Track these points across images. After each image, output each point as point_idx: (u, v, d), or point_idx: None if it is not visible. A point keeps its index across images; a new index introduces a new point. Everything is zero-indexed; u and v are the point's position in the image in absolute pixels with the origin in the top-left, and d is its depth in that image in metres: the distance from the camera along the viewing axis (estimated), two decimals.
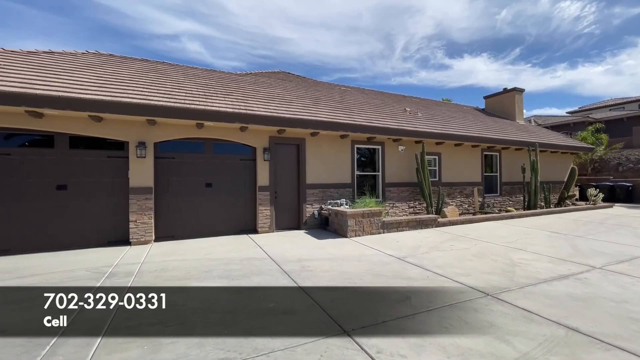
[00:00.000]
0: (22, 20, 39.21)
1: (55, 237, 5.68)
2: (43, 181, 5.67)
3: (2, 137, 5.50)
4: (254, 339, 2.59)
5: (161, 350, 2.45)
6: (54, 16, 42.34)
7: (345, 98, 10.92)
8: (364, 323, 2.83)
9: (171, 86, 7.20)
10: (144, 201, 6.21)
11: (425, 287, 3.75)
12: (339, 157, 8.47)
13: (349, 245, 6.05)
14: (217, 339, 2.61)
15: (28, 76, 5.61)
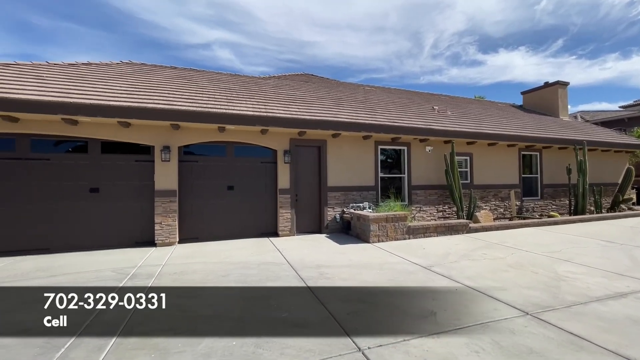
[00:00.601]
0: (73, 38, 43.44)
1: (88, 238, 5.99)
2: (78, 184, 6.01)
3: (43, 143, 5.91)
4: (262, 353, 2.44)
5: (167, 359, 2.38)
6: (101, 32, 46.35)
7: (369, 98, 10.60)
8: (382, 341, 2.57)
9: (195, 91, 7.37)
10: (168, 204, 6.37)
11: (453, 302, 3.39)
12: (362, 159, 8.19)
13: (371, 251, 5.76)
14: (225, 349, 2.50)
15: (66, 86, 5.99)
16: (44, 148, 5.92)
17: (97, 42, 46.28)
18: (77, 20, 43.79)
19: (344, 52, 54.54)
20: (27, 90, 5.45)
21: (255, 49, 51.75)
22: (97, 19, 44.69)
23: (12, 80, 5.73)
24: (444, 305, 3.30)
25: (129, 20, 45.03)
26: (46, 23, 43.40)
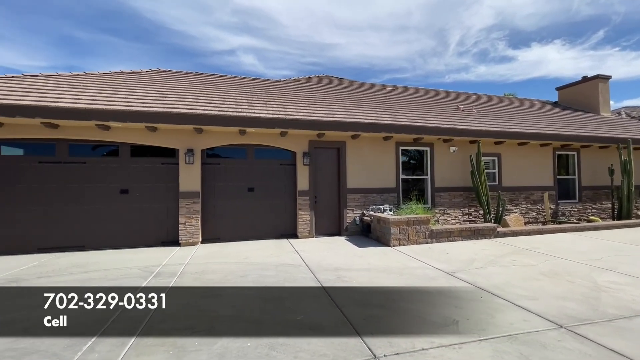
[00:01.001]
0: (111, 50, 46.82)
1: (118, 237, 6.33)
2: (110, 186, 6.37)
3: (79, 148, 6.33)
4: (276, 356, 2.42)
5: (184, 358, 2.42)
6: (136, 44, 49.52)
7: (390, 98, 10.40)
8: (398, 349, 2.47)
9: (218, 96, 7.59)
10: (192, 205, 6.59)
11: (477, 310, 3.20)
12: (382, 160, 8.02)
13: (391, 255, 5.61)
14: (240, 350, 2.50)
15: (100, 94, 6.39)
16: (80, 152, 6.34)
17: (133, 52, 49.42)
18: (115, 33, 47.03)
19: (366, 53, 54.03)
20: (65, 98, 5.87)
21: (278, 53, 52.69)
22: (133, 31, 47.77)
23: (53, 90, 6.21)
24: (468, 313, 3.12)
25: (161, 30, 47.63)
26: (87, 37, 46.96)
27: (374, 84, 13.59)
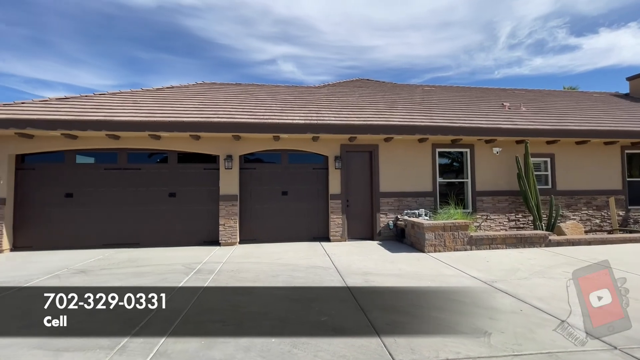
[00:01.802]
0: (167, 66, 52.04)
1: (167, 235, 6.97)
2: (160, 190, 7.07)
3: (136, 155, 7.13)
4: (297, 353, 2.50)
5: (213, 348, 2.61)
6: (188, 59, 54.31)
7: (427, 99, 10.04)
8: (420, 356, 2.39)
9: (255, 104, 8.03)
10: (230, 207, 7.02)
11: (515, 323, 2.95)
12: (417, 163, 7.76)
13: (425, 261, 5.39)
14: (263, 345, 2.63)
15: (152, 107, 7.16)
16: (136, 160, 7.14)
17: (185, 67, 54.23)
18: (170, 51, 52.07)
19: (405, 53, 52.54)
20: (125, 113, 6.68)
21: (316, 59, 53.70)
22: (185, 48, 52.45)
23: (116, 106, 7.10)
24: (503, 326, 2.89)
25: (209, 45, 51.55)
26: (148, 56, 52.67)
27: (411, 84, 13.23)
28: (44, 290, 4.03)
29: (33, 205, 6.71)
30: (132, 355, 2.47)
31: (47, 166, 6.87)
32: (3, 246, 6.36)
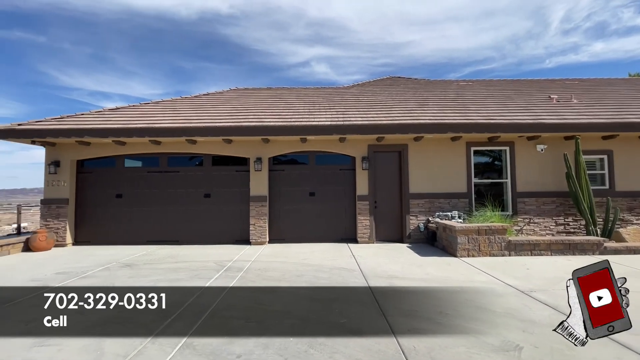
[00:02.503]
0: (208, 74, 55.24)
1: (203, 234, 7.41)
2: (196, 191, 7.54)
3: (175, 159, 7.69)
4: (313, 353, 2.53)
5: (234, 343, 2.73)
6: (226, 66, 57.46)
7: (462, 94, 9.52)
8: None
9: (283, 107, 8.23)
10: (260, 208, 7.27)
11: (553, 339, 2.69)
12: (450, 163, 7.39)
13: (455, 266, 5.12)
14: (282, 344, 2.69)
15: (189, 114, 7.67)
16: (175, 163, 7.70)
17: (223, 74, 57.67)
18: (210, 59, 55.55)
19: (443, 46, 50.45)
20: (165, 120, 7.24)
21: (349, 59, 53.69)
22: (223, 55, 55.75)
23: (157, 114, 7.72)
24: (538, 340, 2.66)
25: (245, 52, 54.21)
26: (190, 65, 56.87)
27: (445, 80, 12.64)
28: (95, 279, 4.53)
29: (90, 205, 7.54)
30: (163, 345, 2.68)
31: (102, 170, 7.68)
32: (67, 240, 7.24)
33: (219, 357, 2.51)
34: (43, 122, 7.08)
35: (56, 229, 7.18)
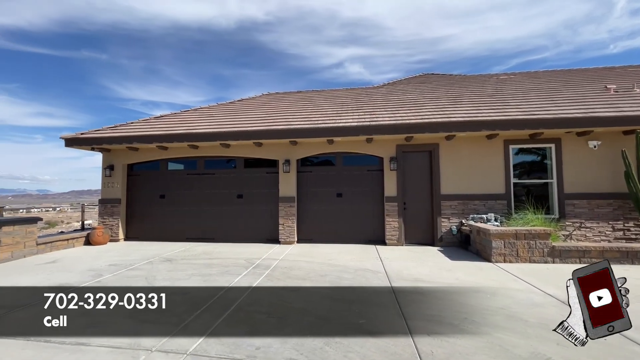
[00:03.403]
0: (245, 80, 57.93)
1: (235, 232, 7.81)
2: (230, 192, 7.97)
3: (211, 162, 8.20)
4: (328, 351, 2.57)
5: (254, 337, 2.87)
6: (262, 72, 59.80)
7: (502, 89, 8.92)
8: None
9: (311, 110, 8.38)
10: (288, 208, 7.47)
11: (591, 354, 2.45)
12: (486, 163, 6.97)
13: (489, 272, 4.82)
14: (299, 340, 2.77)
15: (223, 119, 8.14)
16: (211, 166, 8.21)
17: (260, 79, 60.11)
18: (248, 66, 58.32)
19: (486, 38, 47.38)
20: (202, 125, 7.77)
21: (383, 57, 52.79)
22: (260, 61, 58.02)
23: (195, 120, 8.31)
24: (574, 355, 2.42)
25: (280, 57, 55.91)
26: (230, 73, 60.04)
27: (483, 74, 11.93)
28: (140, 271, 5.01)
29: (138, 205, 8.33)
30: (192, 334, 2.90)
31: (148, 172, 8.44)
32: (119, 236, 8.07)
33: (240, 347, 2.66)
34: (100, 131, 8.00)
35: (111, 226, 8.05)
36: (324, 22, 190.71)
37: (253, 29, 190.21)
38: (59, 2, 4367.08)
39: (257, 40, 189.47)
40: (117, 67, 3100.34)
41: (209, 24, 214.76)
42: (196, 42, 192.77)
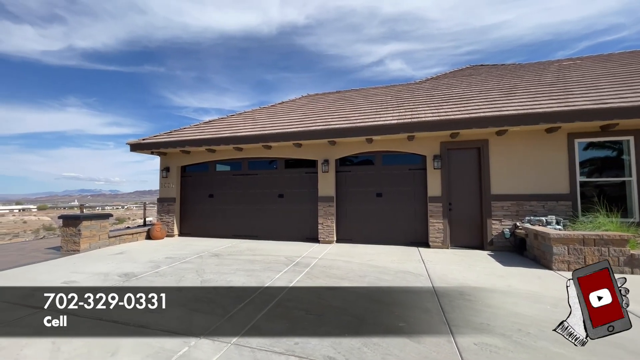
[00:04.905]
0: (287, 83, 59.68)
1: (277, 231, 8.08)
2: (272, 191, 8.27)
3: (254, 163, 8.59)
4: (365, 352, 2.53)
5: (293, 332, 2.94)
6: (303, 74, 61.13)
7: (565, 76, 7.98)
8: None
9: (349, 109, 8.33)
10: (327, 208, 7.52)
11: None
12: (545, 159, 6.27)
13: (548, 280, 4.34)
14: (336, 339, 2.78)
15: (265, 122, 8.47)
16: (255, 166, 8.60)
17: (301, 81, 61.61)
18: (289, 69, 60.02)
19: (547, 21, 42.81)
20: (245, 128, 8.18)
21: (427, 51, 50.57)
22: (300, 64, 59.50)
23: (240, 124, 8.77)
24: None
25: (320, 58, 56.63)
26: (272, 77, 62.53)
27: (542, 62, 10.80)
28: (191, 264, 5.43)
29: (190, 203, 9.05)
30: (235, 325, 3.07)
31: (198, 174, 9.13)
32: (174, 232, 8.85)
33: (279, 341, 2.74)
34: (158, 137, 8.86)
35: (167, 222, 8.87)
36: (364, 21, 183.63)
37: (293, 33, 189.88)
38: (126, 24, 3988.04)
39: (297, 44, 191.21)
40: (172, 78, 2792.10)
41: (252, 31, 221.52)
42: (241, 50, 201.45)
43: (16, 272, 5.03)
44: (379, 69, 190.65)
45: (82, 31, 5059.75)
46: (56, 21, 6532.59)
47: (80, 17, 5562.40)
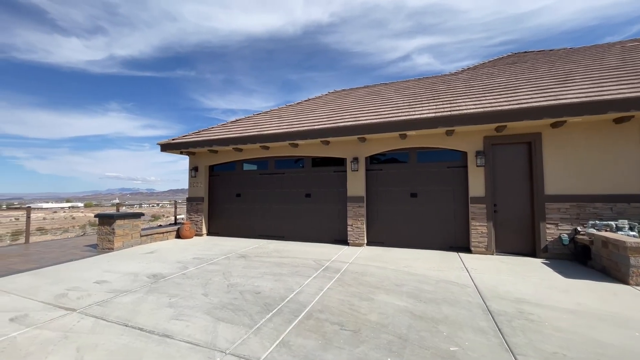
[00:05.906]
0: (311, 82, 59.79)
1: (304, 231, 7.80)
2: (298, 191, 8.01)
3: (281, 162, 8.38)
4: None
5: (328, 350, 2.60)
6: (327, 72, 60.89)
7: (633, 58, 6.92)
8: None
9: (380, 104, 7.84)
10: (357, 208, 7.11)
11: None
12: (613, 154, 5.42)
13: (627, 298, 3.64)
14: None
15: (291, 119, 8.22)
16: (281, 165, 8.39)
17: (325, 80, 61.32)
18: (313, 68, 59.94)
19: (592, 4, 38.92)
20: (272, 127, 7.98)
21: (456, 44, 48.17)
22: (325, 63, 59.13)
23: (266, 122, 8.60)
24: None
25: (345, 56, 55.94)
26: (296, 77, 62.84)
27: (601, 44, 9.62)
28: (218, 266, 5.29)
29: (218, 203, 9.05)
30: (263, 339, 2.79)
31: (226, 173, 9.11)
32: (202, 231, 8.90)
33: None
34: (186, 137, 8.93)
35: (196, 221, 8.93)
36: (389, 16, 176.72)
37: (317, 32, 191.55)
38: (160, 32, 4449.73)
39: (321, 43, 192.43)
40: (202, 81, 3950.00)
41: (277, 32, 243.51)
42: (267, 51, 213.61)
43: (55, 270, 5.17)
44: (405, 64, 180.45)
45: (121, 41, 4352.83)
46: (99, 32, 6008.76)
47: (120, 28, 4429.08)
